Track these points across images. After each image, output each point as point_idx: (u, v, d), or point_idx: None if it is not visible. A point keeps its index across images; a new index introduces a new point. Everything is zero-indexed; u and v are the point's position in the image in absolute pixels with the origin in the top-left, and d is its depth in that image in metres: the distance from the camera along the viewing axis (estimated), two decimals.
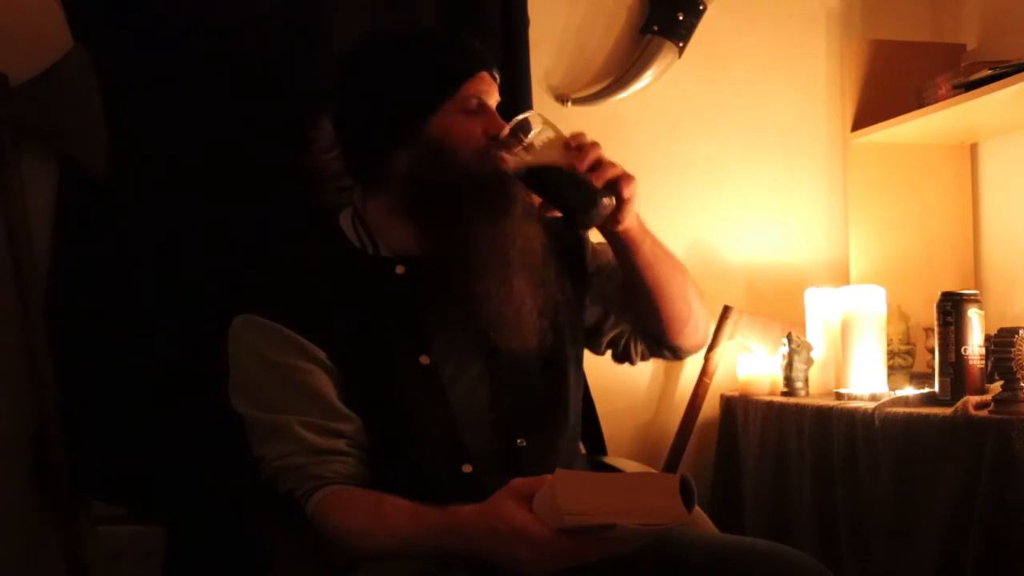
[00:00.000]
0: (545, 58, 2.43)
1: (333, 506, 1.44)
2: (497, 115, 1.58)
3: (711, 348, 2.46)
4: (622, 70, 2.48)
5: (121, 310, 2.08)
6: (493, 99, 1.59)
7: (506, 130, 1.53)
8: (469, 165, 1.53)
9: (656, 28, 2.47)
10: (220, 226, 2.09)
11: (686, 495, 1.19)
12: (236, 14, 2.13)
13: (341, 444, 1.48)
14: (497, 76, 1.62)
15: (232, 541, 2.02)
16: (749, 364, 2.44)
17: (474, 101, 1.55)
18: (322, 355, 1.50)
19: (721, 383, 2.50)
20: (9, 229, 2.07)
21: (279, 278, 1.58)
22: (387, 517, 1.40)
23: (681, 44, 2.49)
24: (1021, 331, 1.73)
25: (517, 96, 2.26)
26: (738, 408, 2.42)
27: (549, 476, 1.24)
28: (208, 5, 2.13)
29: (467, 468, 1.50)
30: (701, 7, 2.50)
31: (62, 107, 2.08)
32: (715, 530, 1.71)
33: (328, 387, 1.50)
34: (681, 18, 2.47)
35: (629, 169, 2.59)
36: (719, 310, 2.49)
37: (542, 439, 1.56)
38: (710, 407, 2.49)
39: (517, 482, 1.30)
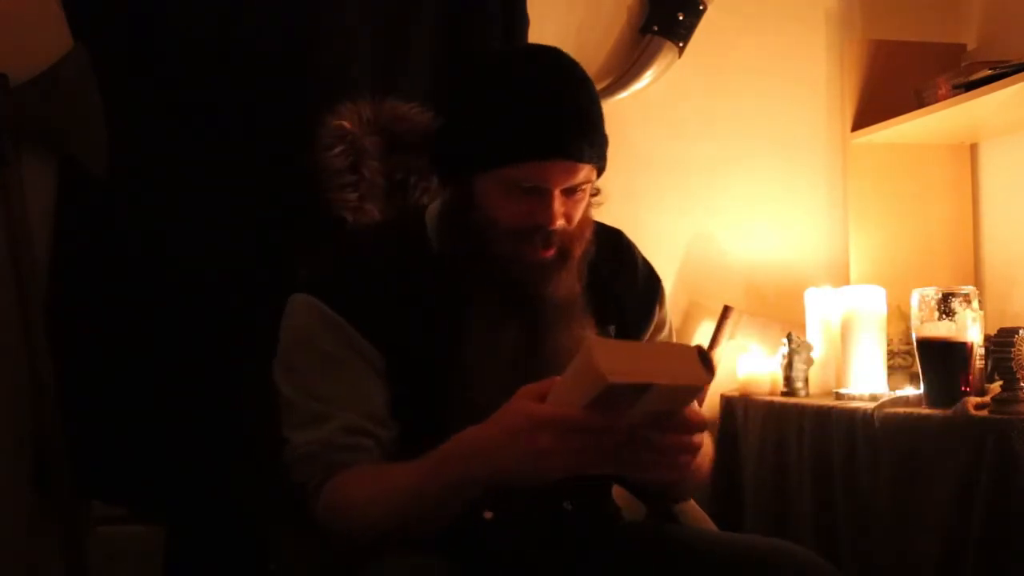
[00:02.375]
0: None
1: (341, 484, 1.40)
2: (559, 204, 1.38)
3: (711, 348, 2.46)
4: (622, 70, 2.48)
5: (121, 310, 2.08)
6: (566, 184, 1.39)
7: None
8: (496, 241, 1.40)
9: (656, 28, 2.47)
10: (220, 226, 2.10)
11: (704, 362, 1.20)
12: (236, 13, 2.13)
13: (370, 443, 1.43)
14: (590, 164, 1.40)
15: (232, 541, 2.02)
16: (749, 364, 2.44)
17: (527, 184, 1.37)
18: (380, 361, 1.44)
19: (721, 383, 2.49)
20: (9, 229, 2.07)
21: (354, 271, 1.48)
22: (390, 476, 1.35)
23: (681, 44, 2.49)
24: (1021, 331, 1.73)
25: None
26: (738, 408, 2.42)
27: (557, 377, 1.22)
28: (208, 5, 2.13)
29: (488, 515, 1.41)
30: (701, 7, 2.50)
31: (62, 107, 2.08)
32: (715, 529, 1.71)
33: (378, 392, 1.44)
34: (681, 18, 2.47)
35: (629, 168, 2.60)
36: (719, 310, 2.49)
37: (588, 501, 1.49)
38: (710, 407, 2.48)
39: (525, 388, 1.23)
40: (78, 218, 2.10)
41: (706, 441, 1.47)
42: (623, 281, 1.58)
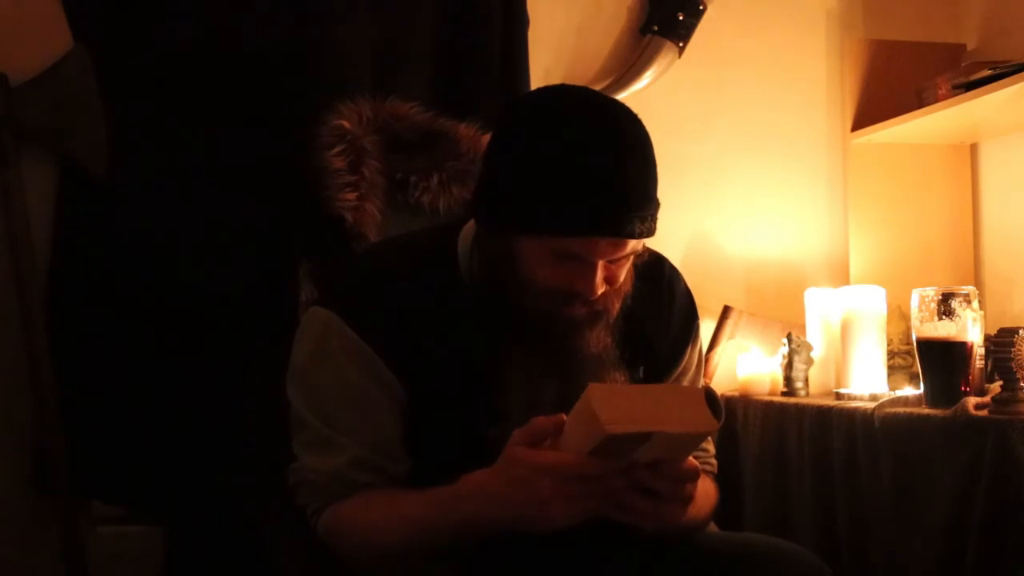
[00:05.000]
0: (545, 58, 2.43)
1: (344, 508, 1.40)
2: (602, 273, 1.33)
3: (711, 348, 2.46)
4: (622, 70, 2.48)
5: (121, 310, 2.08)
6: (612, 257, 1.33)
7: None
8: (532, 297, 1.34)
9: (656, 28, 2.47)
10: (220, 225, 2.10)
11: (713, 406, 1.19)
12: (236, 13, 2.13)
13: (379, 479, 1.41)
14: (636, 240, 1.34)
15: (232, 541, 2.02)
16: (749, 364, 2.44)
17: (571, 253, 1.32)
18: (401, 394, 1.39)
19: (721, 383, 2.50)
20: (9, 229, 2.07)
21: (383, 296, 1.41)
22: (401, 505, 1.35)
23: (681, 44, 2.49)
24: (1021, 331, 1.73)
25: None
26: (738, 408, 2.41)
27: (540, 419, 1.22)
28: (208, 5, 2.13)
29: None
30: (701, 7, 2.50)
31: (62, 107, 2.08)
32: (715, 529, 1.71)
33: (394, 423, 1.40)
34: (681, 18, 2.47)
35: None
36: (719, 310, 2.49)
37: (608, 546, 1.43)
38: None
39: (518, 432, 1.23)
40: (78, 218, 2.10)
41: (709, 487, 1.47)
42: (658, 322, 1.52)
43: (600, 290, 1.34)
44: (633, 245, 1.35)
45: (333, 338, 1.40)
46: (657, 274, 1.56)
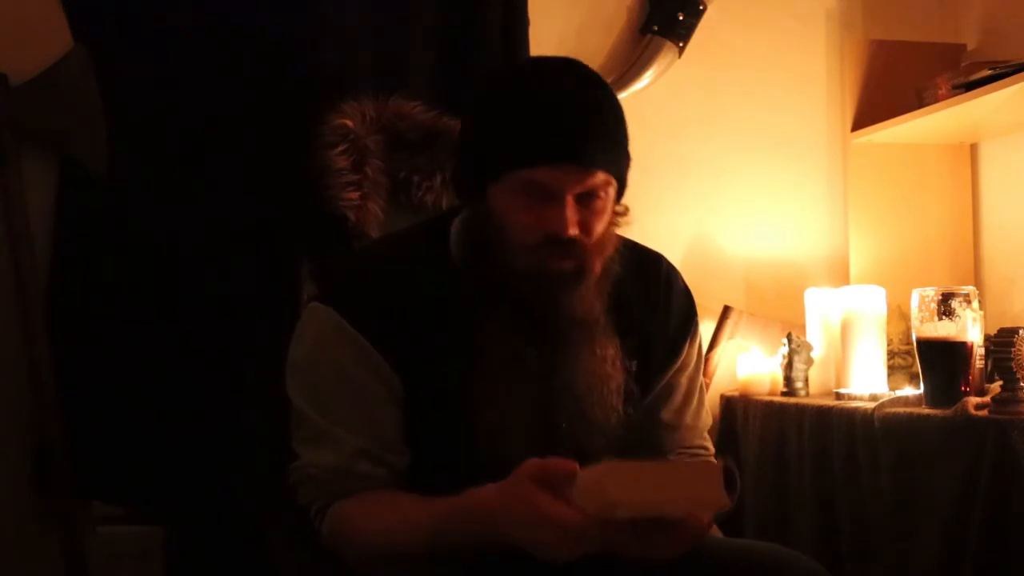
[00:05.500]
0: None
1: (348, 509, 1.40)
2: (572, 211, 1.33)
3: (711, 348, 2.46)
4: (622, 70, 2.48)
5: (121, 310, 2.08)
6: (578, 190, 1.34)
7: None
8: (511, 254, 1.36)
9: (656, 28, 2.47)
10: (221, 225, 2.10)
11: (729, 482, 1.20)
12: (237, 13, 2.14)
13: (381, 471, 1.42)
14: (603, 170, 1.35)
15: (232, 541, 2.02)
16: (749, 364, 2.44)
17: (538, 189, 1.33)
18: (398, 385, 1.41)
19: (721, 383, 2.50)
20: (9, 229, 2.07)
21: (378, 290, 1.43)
22: (406, 509, 1.36)
23: (681, 44, 2.49)
24: (1021, 331, 1.74)
25: None
26: (738, 408, 2.42)
27: (555, 462, 1.23)
28: (208, 4, 2.13)
29: None
30: (701, 7, 2.50)
31: (62, 107, 2.09)
32: (717, 532, 1.70)
33: (393, 415, 1.41)
34: (681, 18, 2.47)
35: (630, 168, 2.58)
36: (719, 310, 2.49)
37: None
38: (710, 407, 2.48)
39: (532, 465, 1.24)
40: (78, 218, 2.10)
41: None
42: (654, 319, 1.53)
43: (572, 229, 1.34)
44: (601, 180, 1.36)
45: (331, 333, 1.41)
46: (655, 272, 1.57)
